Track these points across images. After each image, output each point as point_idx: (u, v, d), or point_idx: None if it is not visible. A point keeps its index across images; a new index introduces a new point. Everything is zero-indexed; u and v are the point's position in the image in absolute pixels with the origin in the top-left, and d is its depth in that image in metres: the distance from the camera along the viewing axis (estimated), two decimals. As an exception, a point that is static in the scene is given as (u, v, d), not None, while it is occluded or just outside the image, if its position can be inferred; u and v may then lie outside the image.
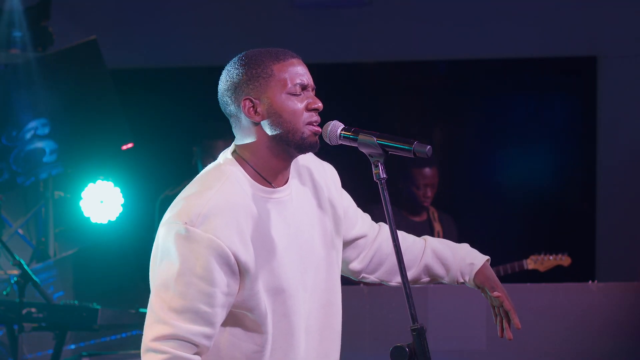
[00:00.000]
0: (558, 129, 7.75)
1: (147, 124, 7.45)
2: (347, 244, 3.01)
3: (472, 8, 7.63)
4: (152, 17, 7.70)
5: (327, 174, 2.94)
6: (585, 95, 7.68)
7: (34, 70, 6.72)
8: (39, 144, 6.68)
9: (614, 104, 7.57)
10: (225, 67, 2.79)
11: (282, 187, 2.78)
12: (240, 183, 2.72)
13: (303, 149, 2.76)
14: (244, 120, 2.75)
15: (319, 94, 2.81)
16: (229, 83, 2.75)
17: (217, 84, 2.82)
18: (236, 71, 2.75)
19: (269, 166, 2.76)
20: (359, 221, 3.04)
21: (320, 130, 2.76)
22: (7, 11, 6.89)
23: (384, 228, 3.08)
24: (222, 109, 2.81)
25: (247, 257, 2.65)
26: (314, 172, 2.90)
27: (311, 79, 2.78)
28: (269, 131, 2.73)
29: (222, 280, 2.61)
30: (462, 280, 3.04)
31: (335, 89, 7.36)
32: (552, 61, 7.69)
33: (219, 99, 2.80)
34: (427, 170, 6.39)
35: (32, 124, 6.66)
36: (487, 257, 3.05)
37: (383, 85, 7.88)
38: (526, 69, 7.75)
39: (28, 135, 6.66)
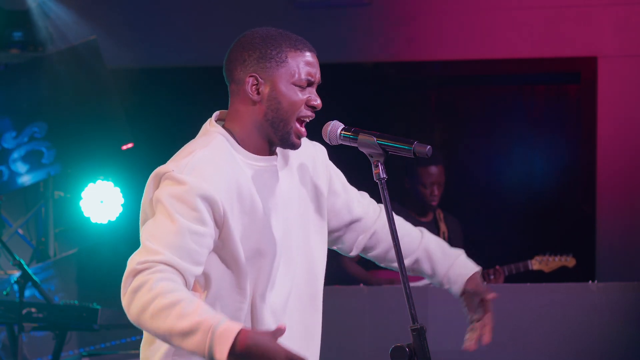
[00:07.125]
0: (558, 129, 7.75)
1: (147, 124, 7.44)
2: (341, 227, 2.98)
3: (472, 8, 7.63)
4: (152, 17, 7.70)
5: (316, 153, 2.93)
6: (585, 95, 7.67)
7: (34, 70, 6.72)
8: (38, 145, 6.69)
9: (614, 104, 7.56)
10: (244, 34, 2.77)
11: (266, 157, 2.78)
12: (227, 147, 2.73)
13: (284, 144, 2.76)
14: (243, 93, 2.75)
15: (319, 94, 2.81)
16: (241, 53, 2.75)
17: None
18: (251, 44, 2.74)
19: (251, 140, 2.76)
20: (353, 204, 3.00)
21: (305, 132, 2.76)
22: (8, 11, 6.89)
23: (383, 212, 3.03)
24: (225, 72, 2.80)
25: (230, 210, 2.65)
26: (302, 151, 2.87)
27: (319, 75, 2.78)
28: (263, 113, 2.74)
29: (210, 222, 2.63)
30: (446, 287, 3.03)
31: (335, 89, 7.34)
32: (552, 61, 7.68)
33: (225, 63, 2.79)
34: (433, 168, 6.39)
35: (31, 125, 6.66)
36: (479, 268, 3.03)
37: (383, 85, 7.88)
38: (526, 69, 7.75)
39: (27, 137, 6.66)
